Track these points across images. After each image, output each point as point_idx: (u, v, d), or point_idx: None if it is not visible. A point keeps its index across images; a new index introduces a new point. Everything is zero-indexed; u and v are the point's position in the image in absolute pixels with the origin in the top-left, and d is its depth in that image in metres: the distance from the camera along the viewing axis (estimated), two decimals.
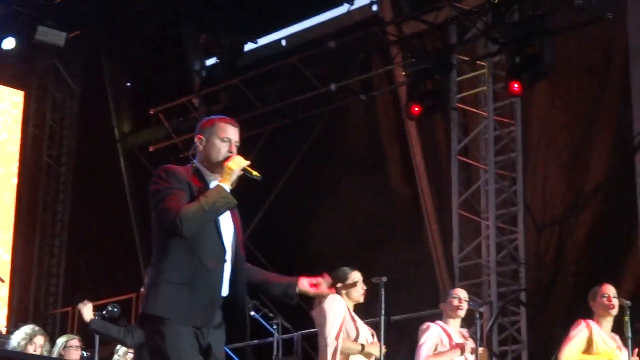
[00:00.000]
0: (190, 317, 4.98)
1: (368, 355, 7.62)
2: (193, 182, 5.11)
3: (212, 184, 5.17)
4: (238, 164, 5.16)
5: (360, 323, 7.68)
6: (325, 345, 7.55)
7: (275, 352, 9.40)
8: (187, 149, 15.32)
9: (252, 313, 9.72)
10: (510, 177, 12.49)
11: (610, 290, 8.13)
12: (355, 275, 7.73)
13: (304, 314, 12.69)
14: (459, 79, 12.74)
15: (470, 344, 8.04)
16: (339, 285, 7.70)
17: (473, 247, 12.53)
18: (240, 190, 14.74)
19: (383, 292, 7.51)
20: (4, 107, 16.01)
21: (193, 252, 5.03)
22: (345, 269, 7.75)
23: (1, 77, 15.86)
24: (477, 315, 8.09)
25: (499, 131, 12.58)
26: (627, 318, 7.95)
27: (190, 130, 14.89)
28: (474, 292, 11.58)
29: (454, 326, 8.15)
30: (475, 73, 12.77)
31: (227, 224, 5.19)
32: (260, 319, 10.76)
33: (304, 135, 14.68)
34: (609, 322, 8.08)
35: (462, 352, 7.98)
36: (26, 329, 8.47)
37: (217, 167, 5.19)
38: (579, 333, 7.99)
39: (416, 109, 12.14)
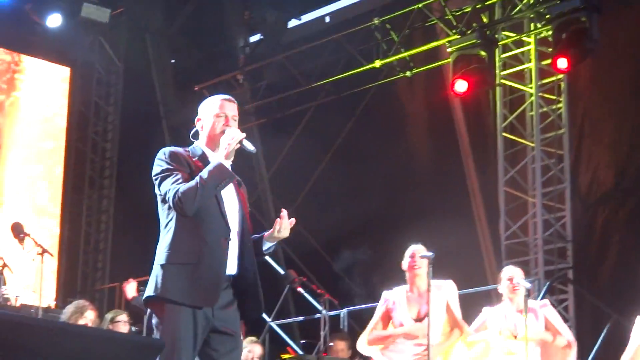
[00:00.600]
0: (192, 298, 5.01)
1: (413, 335, 7.65)
2: (195, 163, 5.20)
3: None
4: (232, 137, 5.18)
5: (415, 305, 7.73)
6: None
7: (322, 329, 9.43)
8: None
9: (299, 290, 9.74)
10: (557, 155, 12.41)
11: None
12: (411, 247, 7.81)
13: (350, 290, 12.79)
14: (504, 55, 12.68)
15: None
16: (402, 263, 7.83)
17: (520, 225, 12.48)
18: (287, 166, 14.77)
19: (431, 268, 7.53)
20: (53, 83, 16.12)
21: (196, 232, 5.09)
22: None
23: (48, 54, 15.94)
24: (525, 293, 8.07)
25: (545, 108, 12.50)
26: None
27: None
28: (521, 271, 11.53)
29: (517, 305, 8.16)
30: (521, 49, 12.69)
31: (231, 201, 5.26)
32: (307, 296, 10.82)
33: (348, 112, 14.67)
34: None
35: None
36: (77, 304, 8.53)
37: (216, 143, 5.26)
38: None
39: (461, 86, 12.10)
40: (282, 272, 13.47)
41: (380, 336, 7.82)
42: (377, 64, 13.28)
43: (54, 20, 14.57)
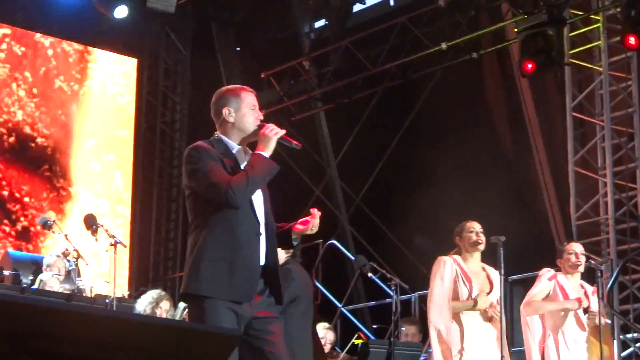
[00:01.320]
0: (230, 293, 5.05)
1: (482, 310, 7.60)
2: (220, 156, 5.17)
3: (238, 154, 5.23)
4: (275, 131, 5.17)
5: (477, 280, 7.66)
6: (429, 307, 7.66)
7: (393, 313, 9.41)
8: (299, 112, 15.41)
9: (370, 275, 9.73)
10: (628, 133, 12.25)
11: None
12: (468, 225, 7.74)
13: (420, 274, 12.75)
14: (572, 34, 12.53)
15: (586, 302, 8.00)
16: (457, 239, 7.75)
17: (591, 204, 12.35)
18: (355, 152, 14.74)
19: (502, 252, 7.47)
20: (122, 73, 16.29)
21: (230, 228, 5.11)
22: (464, 223, 7.77)
23: (116, 45, 16.12)
24: (598, 274, 8.00)
25: (615, 86, 12.34)
26: None
27: (302, 92, 15.14)
28: (593, 251, 11.44)
29: (573, 282, 8.10)
30: (589, 28, 12.53)
31: (257, 195, 5.23)
32: (378, 281, 10.80)
33: (415, 95, 14.63)
34: None
35: (579, 306, 7.93)
36: (153, 294, 8.61)
37: (247, 136, 5.25)
38: None
39: (529, 66, 11.97)
40: (352, 257, 13.51)
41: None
42: (444, 46, 13.20)
43: (121, 12, 14.67)
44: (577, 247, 8.19)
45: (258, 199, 5.24)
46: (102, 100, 16.02)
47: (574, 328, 8.00)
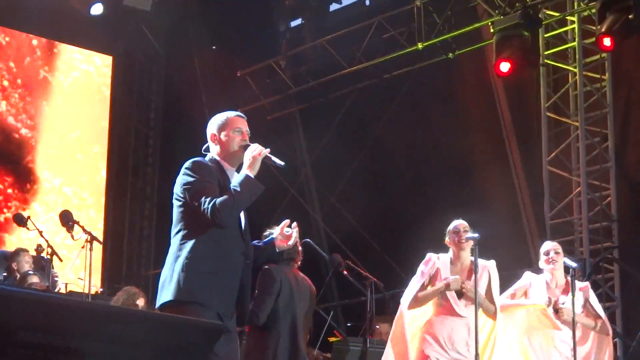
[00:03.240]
0: (215, 303, 5.19)
1: (459, 293, 7.61)
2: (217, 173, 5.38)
3: (232, 176, 5.42)
4: (258, 151, 5.37)
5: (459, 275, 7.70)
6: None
7: (368, 312, 9.44)
8: (275, 111, 15.40)
9: (345, 273, 9.75)
10: (602, 134, 12.34)
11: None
12: (453, 226, 7.78)
13: (394, 273, 12.79)
14: (547, 35, 12.61)
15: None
16: (446, 240, 7.80)
17: (564, 204, 12.43)
18: (330, 151, 14.68)
19: (477, 249, 7.51)
20: (95, 71, 16.23)
21: (219, 243, 5.28)
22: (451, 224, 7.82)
23: (90, 43, 16.06)
24: (571, 273, 8.04)
25: (589, 87, 12.42)
26: None
27: (278, 91, 15.15)
28: (566, 250, 11.43)
29: (557, 280, 8.12)
30: (564, 29, 12.61)
31: (242, 216, 5.47)
32: (353, 280, 10.82)
33: (391, 95, 14.65)
34: None
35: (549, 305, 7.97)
36: (128, 291, 8.57)
37: (236, 158, 5.47)
38: None
39: (505, 66, 12.03)
40: (326, 256, 13.52)
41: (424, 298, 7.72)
42: (419, 46, 13.25)
43: (96, 9, 14.67)
44: (550, 247, 8.24)
45: (243, 220, 5.44)
46: (87, 92, 15.97)
47: (543, 328, 8.02)
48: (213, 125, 5.54)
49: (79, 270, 10.39)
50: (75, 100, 15.82)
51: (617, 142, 12.31)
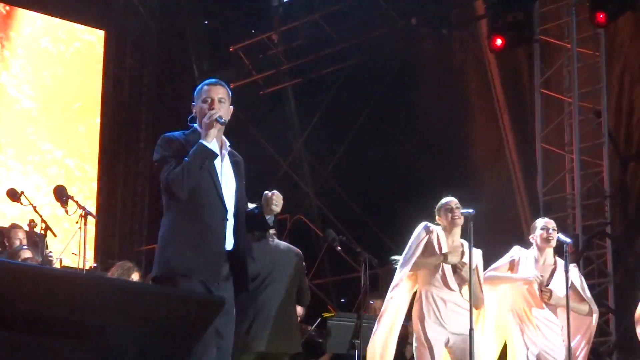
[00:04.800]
0: (196, 272, 5.23)
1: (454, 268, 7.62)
2: (191, 147, 5.36)
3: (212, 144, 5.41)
4: (208, 118, 5.37)
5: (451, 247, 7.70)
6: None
7: (362, 287, 9.45)
8: (268, 86, 15.37)
9: (339, 249, 9.76)
10: (595, 109, 12.33)
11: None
12: (445, 203, 7.77)
13: (386, 248, 12.79)
14: (541, 10, 12.58)
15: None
16: (437, 217, 7.79)
17: (557, 180, 12.44)
18: (323, 127, 14.66)
19: (472, 225, 7.51)
20: (86, 46, 16.16)
21: (196, 216, 5.33)
22: (442, 200, 7.80)
23: (82, 17, 15.98)
24: (565, 249, 8.03)
25: (583, 63, 12.40)
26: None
27: (271, 66, 15.07)
28: (559, 226, 11.42)
29: (546, 258, 8.12)
30: (558, 4, 12.58)
31: (228, 181, 5.49)
32: (346, 256, 10.85)
33: (384, 70, 14.62)
34: None
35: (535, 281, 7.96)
36: (123, 265, 8.55)
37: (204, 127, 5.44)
38: None
39: (498, 41, 12.02)
40: (319, 232, 13.53)
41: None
42: (413, 21, 13.20)
43: None
44: (548, 223, 8.21)
45: (229, 186, 5.47)
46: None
47: (527, 304, 8.01)
48: (193, 97, 5.59)
49: (72, 247, 10.36)
50: (75, 71, 15.75)
51: (611, 118, 12.30)
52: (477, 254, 7.76)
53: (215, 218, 5.35)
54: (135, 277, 8.45)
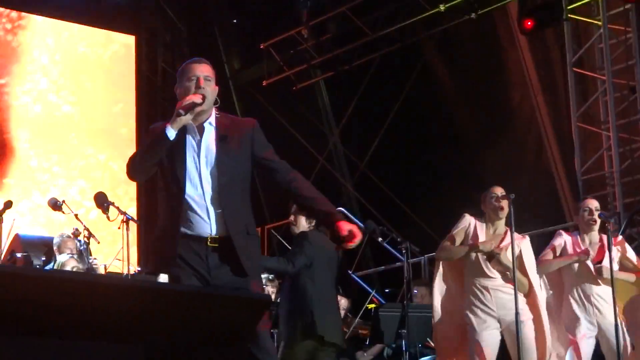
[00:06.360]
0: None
1: (490, 256, 7.61)
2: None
3: (193, 130, 5.16)
4: (185, 105, 5.05)
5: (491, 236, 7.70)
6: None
7: (405, 276, 9.46)
8: (300, 82, 15.40)
9: (380, 240, 9.78)
10: (629, 85, 12.26)
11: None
12: (490, 191, 7.76)
13: (427, 236, 12.79)
14: None
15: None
16: (482, 206, 7.80)
17: (595, 159, 12.38)
18: (357, 119, 14.61)
19: (512, 209, 7.51)
20: (124, 49, 16.27)
21: (168, 199, 5.12)
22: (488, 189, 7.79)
23: (113, 23, 16.09)
24: (607, 227, 8.01)
25: (615, 39, 12.33)
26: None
27: (301, 62, 15.10)
28: (600, 205, 11.46)
29: (591, 239, 8.11)
30: None
31: (209, 158, 5.14)
32: (388, 246, 10.86)
33: (415, 59, 14.62)
34: None
35: (587, 257, 7.95)
36: None
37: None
38: None
39: (529, 23, 11.99)
40: (360, 224, 13.55)
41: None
42: (442, 7, 13.18)
43: None
44: (591, 204, 8.18)
45: (209, 163, 5.14)
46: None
47: (587, 284, 8.01)
48: (177, 78, 5.33)
49: (116, 251, 10.45)
50: (114, 74, 15.87)
51: None
52: (524, 241, 7.75)
53: (177, 199, 5.07)
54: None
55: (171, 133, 5.00)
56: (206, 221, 5.07)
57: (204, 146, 5.15)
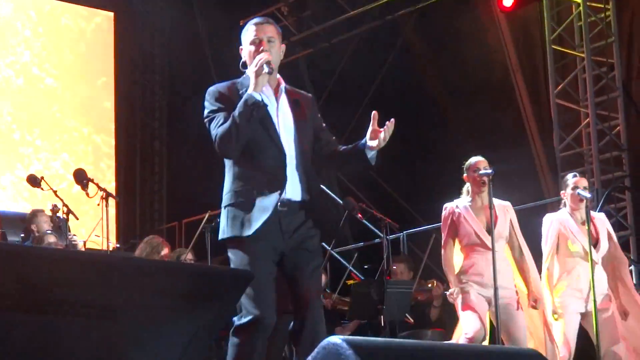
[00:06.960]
0: (256, 231, 4.96)
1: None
2: (238, 96, 5.05)
3: (265, 90, 5.10)
4: (256, 64, 4.98)
5: (481, 216, 7.72)
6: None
7: (385, 253, 9.51)
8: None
9: (360, 216, 9.81)
10: (608, 63, 12.30)
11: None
12: (473, 164, 7.76)
13: (409, 214, 12.85)
14: None
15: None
16: (465, 176, 7.81)
17: (573, 136, 12.44)
18: (336, 95, 14.65)
19: (491, 185, 7.55)
20: (96, 28, 16.18)
21: (251, 165, 5.02)
22: (470, 160, 7.80)
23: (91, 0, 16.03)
24: (586, 204, 8.05)
25: (594, 17, 12.37)
26: None
27: (282, 38, 15.03)
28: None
29: (581, 215, 8.12)
30: None
31: (286, 124, 5.14)
32: (367, 223, 10.89)
33: (395, 36, 14.61)
34: None
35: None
36: (151, 242, 8.59)
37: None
38: None
39: (507, 2, 12.00)
40: (339, 201, 13.57)
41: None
42: None
43: None
44: (582, 182, 8.19)
45: (286, 129, 5.13)
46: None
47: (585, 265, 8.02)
48: (240, 39, 5.23)
49: (93, 227, 10.45)
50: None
51: (624, 71, 12.27)
52: (508, 205, 7.80)
53: (273, 164, 5.02)
54: (164, 251, 8.51)
55: (259, 97, 4.96)
56: (293, 185, 5.06)
57: (281, 109, 5.16)
